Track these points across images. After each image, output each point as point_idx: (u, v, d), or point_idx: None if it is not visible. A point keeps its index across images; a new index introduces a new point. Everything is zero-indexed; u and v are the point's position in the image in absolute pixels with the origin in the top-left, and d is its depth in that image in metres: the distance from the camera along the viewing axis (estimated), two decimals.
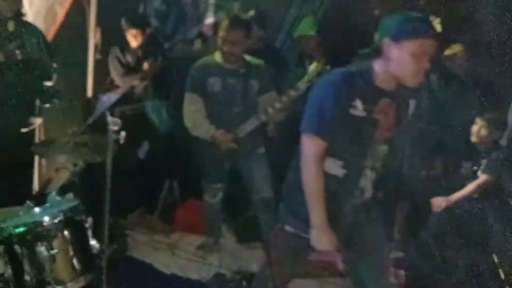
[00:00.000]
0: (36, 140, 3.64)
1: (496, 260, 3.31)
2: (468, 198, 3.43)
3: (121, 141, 2.43)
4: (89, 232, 2.47)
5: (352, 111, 2.01)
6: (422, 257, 3.47)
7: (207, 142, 3.26)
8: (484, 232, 3.50)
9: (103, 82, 4.28)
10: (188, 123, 3.30)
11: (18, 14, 3.37)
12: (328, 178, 2.08)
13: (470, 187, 3.42)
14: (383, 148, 2.11)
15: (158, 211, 3.98)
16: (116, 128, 2.34)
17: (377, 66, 2.03)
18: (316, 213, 2.08)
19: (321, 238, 2.10)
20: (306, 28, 4.05)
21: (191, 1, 4.67)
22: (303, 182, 2.09)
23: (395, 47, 1.95)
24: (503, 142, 3.73)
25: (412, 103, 2.15)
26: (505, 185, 3.43)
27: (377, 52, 2.02)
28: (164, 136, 3.98)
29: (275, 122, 3.42)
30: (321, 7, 4.42)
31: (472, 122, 3.48)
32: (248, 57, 3.29)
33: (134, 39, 3.96)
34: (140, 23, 4.01)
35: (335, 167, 2.09)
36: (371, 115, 2.03)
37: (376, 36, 2.04)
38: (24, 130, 3.47)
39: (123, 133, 2.39)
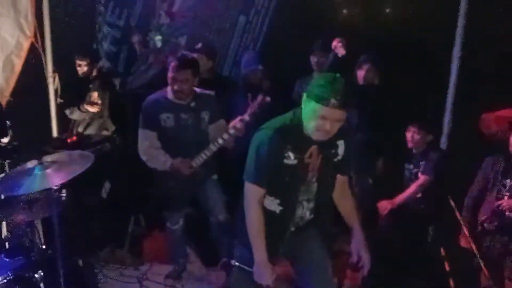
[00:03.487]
0: None
1: (442, 253, 3.59)
2: (412, 199, 3.66)
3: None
4: (41, 285, 2.68)
5: (285, 161, 2.30)
6: (375, 258, 3.70)
7: (164, 173, 3.39)
8: (428, 229, 3.79)
9: (67, 126, 4.48)
10: (143, 156, 3.42)
11: None
12: (267, 213, 2.39)
13: (411, 188, 3.65)
14: (315, 185, 2.41)
15: (127, 245, 4.12)
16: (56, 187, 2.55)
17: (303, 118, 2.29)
18: (258, 251, 2.38)
19: (262, 274, 2.40)
20: (250, 63, 4.22)
21: (139, 40, 4.84)
22: (246, 223, 2.38)
23: (306, 102, 2.24)
24: (441, 143, 4.05)
25: (341, 143, 2.42)
26: (444, 184, 3.64)
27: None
28: (125, 173, 4.15)
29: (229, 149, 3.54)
30: (259, 35, 4.68)
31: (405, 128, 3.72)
32: (197, 90, 3.41)
33: (80, 68, 4.28)
34: (87, 55, 4.31)
35: (272, 204, 2.41)
36: (302, 161, 2.32)
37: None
38: None
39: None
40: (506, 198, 3.12)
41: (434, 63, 4.08)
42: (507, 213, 3.10)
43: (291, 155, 2.30)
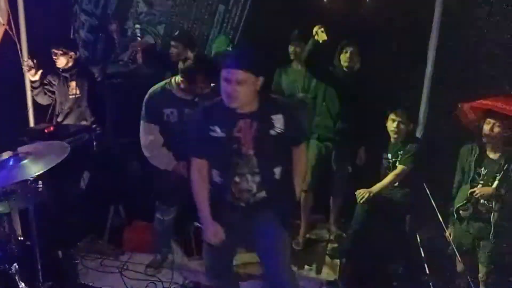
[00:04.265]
0: None
1: (418, 240, 3.67)
2: (389, 187, 3.71)
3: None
4: (17, 277, 2.69)
5: (212, 134, 2.51)
6: (353, 245, 3.77)
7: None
8: (405, 216, 3.86)
9: (45, 116, 4.41)
10: (146, 153, 3.35)
11: None
12: (214, 185, 2.64)
13: (389, 177, 3.67)
14: (254, 158, 2.54)
15: (106, 236, 4.12)
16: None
17: None
18: (201, 212, 2.66)
19: (207, 231, 2.65)
20: (220, 45, 4.25)
21: (116, 28, 4.77)
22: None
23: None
24: (418, 134, 4.10)
25: (278, 117, 2.53)
26: (420, 173, 3.70)
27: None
28: (104, 163, 4.13)
29: None
30: (239, 24, 4.67)
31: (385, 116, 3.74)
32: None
33: (57, 59, 4.19)
34: (64, 45, 4.22)
35: (216, 176, 2.63)
36: (231, 135, 2.50)
37: None
38: None
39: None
40: (480, 186, 3.20)
41: (411, 51, 4.11)
42: (481, 201, 3.17)
43: (217, 129, 2.51)
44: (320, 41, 3.69)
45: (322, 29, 3.71)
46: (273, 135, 2.54)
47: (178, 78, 3.29)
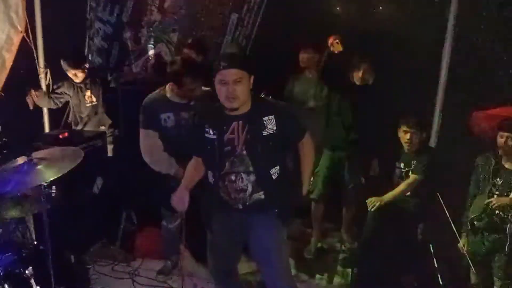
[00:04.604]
0: None
1: (432, 250, 3.63)
2: (401, 196, 3.68)
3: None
4: (32, 280, 2.69)
5: (207, 135, 2.61)
6: (365, 254, 3.74)
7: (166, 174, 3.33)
8: (417, 226, 3.82)
9: (60, 122, 4.50)
10: (146, 158, 3.34)
11: None
12: (209, 186, 2.71)
13: (401, 186, 3.65)
14: (247, 157, 2.58)
15: (119, 241, 4.14)
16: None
17: None
18: (184, 181, 2.81)
19: (174, 195, 2.73)
20: (227, 49, 4.29)
21: (131, 36, 4.83)
22: None
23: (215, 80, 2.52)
24: (431, 143, 4.08)
25: (270, 118, 2.58)
26: (434, 183, 3.68)
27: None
28: (117, 169, 4.16)
29: None
30: (252, 32, 4.69)
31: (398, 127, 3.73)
32: None
33: (76, 77, 4.28)
34: (77, 64, 4.27)
35: (210, 177, 2.70)
36: (222, 136, 2.58)
37: None
38: None
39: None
40: (496, 196, 3.16)
41: (424, 61, 4.10)
42: (496, 211, 3.14)
43: (211, 130, 2.60)
44: (336, 52, 3.69)
45: (337, 40, 3.71)
46: (265, 136, 2.58)
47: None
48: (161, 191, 3.44)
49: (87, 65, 4.35)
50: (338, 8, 4.64)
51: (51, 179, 2.61)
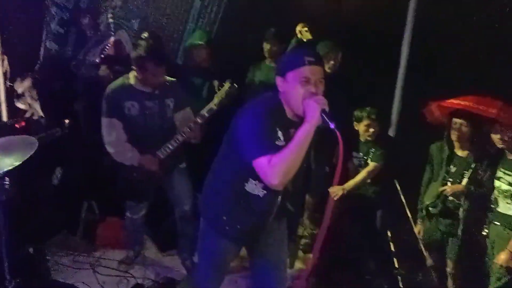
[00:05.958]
0: None
1: (389, 235, 3.75)
2: (361, 184, 3.78)
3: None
4: None
5: (277, 142, 2.16)
6: (326, 240, 3.82)
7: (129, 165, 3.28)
8: (376, 212, 3.94)
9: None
10: (109, 149, 3.27)
11: None
12: (250, 199, 2.31)
13: (362, 174, 3.76)
14: None
15: (80, 232, 4.08)
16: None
17: (283, 101, 2.24)
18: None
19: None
20: (196, 38, 4.19)
21: (89, 22, 4.69)
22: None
23: (283, 82, 2.19)
24: (391, 132, 4.19)
25: None
26: (391, 170, 3.77)
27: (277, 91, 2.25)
28: (77, 158, 4.08)
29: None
30: (215, 21, 4.65)
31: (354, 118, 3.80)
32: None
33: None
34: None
35: (256, 188, 2.30)
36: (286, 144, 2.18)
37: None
38: None
39: None
40: (449, 183, 3.29)
41: (384, 52, 4.18)
42: (450, 198, 3.26)
43: (281, 135, 2.18)
44: (305, 40, 3.69)
45: (306, 28, 3.72)
46: None
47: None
48: (125, 182, 3.43)
49: None
50: None
51: (5, 170, 2.54)
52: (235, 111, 2.29)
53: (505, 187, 3.02)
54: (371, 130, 3.74)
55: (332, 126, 2.09)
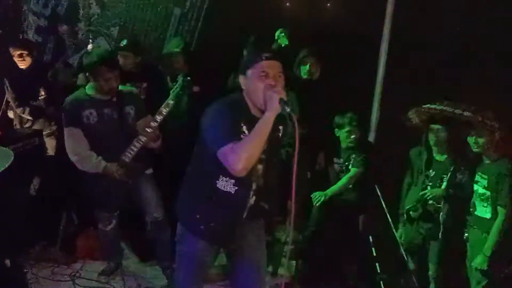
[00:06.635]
0: None
1: (371, 240, 3.77)
2: (343, 189, 3.79)
3: None
4: None
5: (242, 136, 2.23)
6: (309, 246, 3.83)
7: (94, 173, 3.26)
8: (358, 218, 3.97)
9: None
10: (72, 157, 3.26)
11: None
12: (221, 196, 2.33)
13: (343, 180, 3.76)
14: (260, 167, 2.39)
15: (58, 243, 3.99)
16: None
17: (246, 98, 2.32)
18: None
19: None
20: (173, 45, 4.16)
21: (68, 30, 4.65)
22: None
23: (245, 80, 2.29)
24: (370, 138, 4.23)
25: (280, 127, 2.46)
26: (372, 176, 3.81)
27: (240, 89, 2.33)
28: (55, 169, 4.01)
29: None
30: (196, 28, 4.64)
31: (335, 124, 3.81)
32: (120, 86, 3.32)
33: (22, 59, 4.12)
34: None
35: (227, 185, 2.33)
36: None
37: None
38: None
39: None
40: (429, 187, 3.33)
41: (362, 58, 4.22)
42: (430, 202, 3.30)
43: (246, 130, 2.25)
44: (282, 45, 3.70)
45: (283, 33, 3.72)
46: (278, 139, 2.51)
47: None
48: (93, 192, 3.39)
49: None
50: (288, 4, 4.64)
51: None
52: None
53: (481, 190, 3.07)
54: (352, 136, 3.75)
55: (288, 110, 2.19)
